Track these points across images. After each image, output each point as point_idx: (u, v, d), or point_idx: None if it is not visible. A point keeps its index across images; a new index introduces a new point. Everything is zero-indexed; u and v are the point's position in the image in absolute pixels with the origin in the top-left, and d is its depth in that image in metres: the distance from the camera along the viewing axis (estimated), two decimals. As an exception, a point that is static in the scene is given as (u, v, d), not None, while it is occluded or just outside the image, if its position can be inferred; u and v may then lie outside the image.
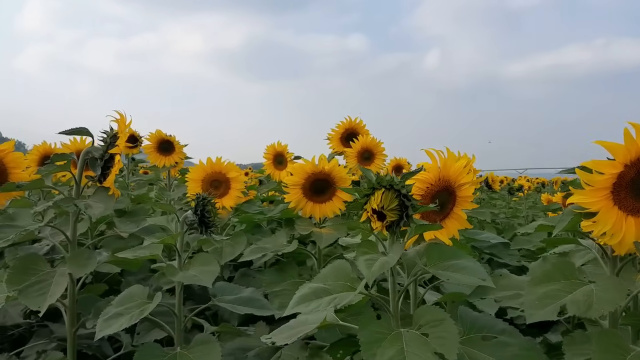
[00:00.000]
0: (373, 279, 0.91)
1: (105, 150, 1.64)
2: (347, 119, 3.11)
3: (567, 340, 1.20)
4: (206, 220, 1.42)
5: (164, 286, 2.05)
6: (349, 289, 1.03)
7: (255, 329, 1.77)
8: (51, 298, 1.38)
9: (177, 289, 1.47)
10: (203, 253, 1.53)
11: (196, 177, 2.37)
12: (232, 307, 1.50)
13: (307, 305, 1.00)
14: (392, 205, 0.96)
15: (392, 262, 0.93)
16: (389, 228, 0.97)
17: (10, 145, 1.79)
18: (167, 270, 1.40)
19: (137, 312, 1.33)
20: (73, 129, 1.72)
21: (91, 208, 1.51)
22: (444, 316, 0.93)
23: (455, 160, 1.28)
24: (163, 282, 2.09)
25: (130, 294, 1.42)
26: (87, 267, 1.50)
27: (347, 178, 2.12)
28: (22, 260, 1.51)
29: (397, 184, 0.96)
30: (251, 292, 1.58)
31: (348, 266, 1.07)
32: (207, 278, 1.33)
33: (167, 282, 2.09)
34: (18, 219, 1.57)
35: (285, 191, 2.11)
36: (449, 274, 0.96)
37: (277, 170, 3.33)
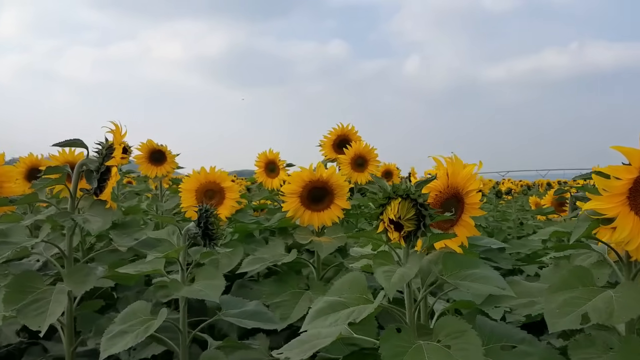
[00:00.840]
0: (394, 291, 0.89)
1: (102, 163, 1.60)
2: (339, 125, 3.10)
3: (573, 345, 1.20)
4: (210, 232, 1.38)
5: (160, 299, 2.01)
6: (366, 302, 1.01)
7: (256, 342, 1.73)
8: (51, 317, 1.34)
9: (181, 304, 1.43)
10: (207, 266, 1.50)
11: (190, 188, 2.33)
12: (239, 322, 1.47)
13: (325, 320, 0.98)
14: (409, 215, 0.94)
15: (412, 273, 0.91)
16: (406, 238, 0.96)
17: (1, 158, 1.74)
18: (171, 285, 1.36)
19: (142, 329, 1.29)
20: (67, 141, 1.67)
21: (89, 222, 1.46)
22: (466, 327, 0.91)
23: (462, 167, 1.27)
24: (160, 296, 2.04)
25: (133, 310, 1.38)
26: (87, 283, 1.45)
27: (346, 185, 2.11)
28: (17, 278, 1.46)
29: (414, 193, 0.94)
30: (255, 305, 1.55)
31: (363, 278, 1.05)
32: (214, 292, 1.30)
33: (164, 295, 2.04)
34: (12, 235, 1.52)
35: (283, 200, 2.09)
36: (468, 284, 0.95)
37: (269, 178, 3.30)
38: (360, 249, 1.20)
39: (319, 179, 2.07)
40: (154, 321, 1.33)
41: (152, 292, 2.13)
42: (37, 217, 2.11)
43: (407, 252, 1.03)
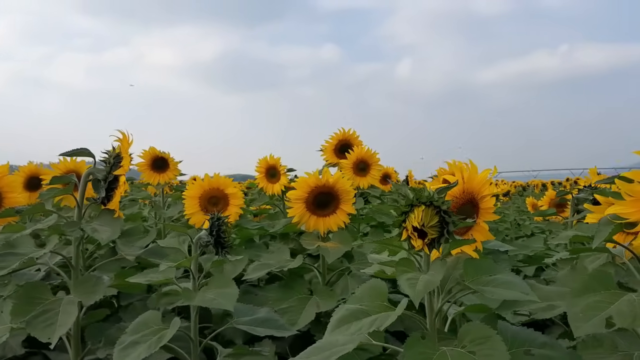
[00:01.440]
0: (420, 299, 0.88)
1: (109, 172, 1.59)
2: (340, 130, 3.10)
3: (581, 345, 1.20)
4: (222, 240, 1.37)
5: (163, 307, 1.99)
6: (387, 309, 1.00)
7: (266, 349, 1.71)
8: (61, 328, 1.32)
9: (192, 313, 1.42)
10: (219, 274, 1.48)
11: (194, 194, 2.31)
12: (251, 329, 1.45)
13: (347, 328, 0.97)
14: (433, 222, 0.94)
15: (436, 281, 0.91)
16: (429, 245, 0.95)
17: (5, 168, 1.71)
18: (184, 293, 1.35)
19: (155, 339, 1.27)
20: (74, 150, 1.66)
21: (98, 232, 1.45)
22: (491, 333, 0.91)
23: (477, 172, 1.27)
24: (163, 303, 2.03)
25: (144, 320, 1.36)
26: (95, 293, 1.44)
27: (351, 191, 2.10)
28: (25, 289, 1.44)
29: (437, 200, 0.94)
30: (267, 312, 1.54)
31: (383, 285, 1.05)
32: (228, 301, 1.29)
33: (168, 302, 2.02)
34: (19, 245, 1.51)
35: (288, 205, 2.08)
36: (492, 290, 0.94)
37: (269, 183, 3.28)
38: (377, 255, 1.19)
39: (325, 185, 2.06)
40: (166, 331, 1.31)
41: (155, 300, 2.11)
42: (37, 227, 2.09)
43: (427, 259, 1.03)
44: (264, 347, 1.84)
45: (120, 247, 1.66)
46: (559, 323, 1.76)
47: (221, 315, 2.24)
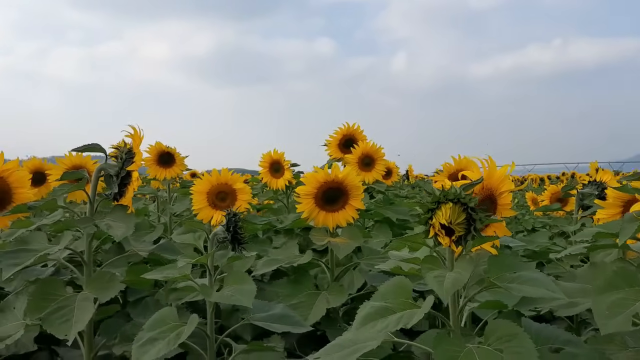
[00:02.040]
0: (449, 296, 0.88)
1: (122, 167, 1.58)
2: (345, 125, 3.09)
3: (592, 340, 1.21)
4: (239, 237, 1.37)
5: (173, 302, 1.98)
6: (412, 307, 1.00)
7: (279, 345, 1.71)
8: (78, 325, 1.31)
9: (208, 309, 1.42)
10: (236, 270, 1.48)
11: (201, 190, 2.30)
12: (268, 325, 1.45)
13: (373, 326, 0.97)
14: (460, 220, 0.94)
15: (464, 278, 0.91)
16: (456, 243, 0.95)
17: (15, 164, 1.70)
18: (202, 290, 1.35)
19: (173, 336, 1.27)
20: (86, 146, 1.65)
21: (113, 228, 1.44)
22: (517, 330, 0.91)
23: (496, 168, 1.27)
24: (172, 299, 2.02)
25: (162, 316, 1.35)
26: (110, 290, 1.43)
27: (361, 186, 2.10)
28: (40, 285, 1.43)
29: (464, 198, 0.94)
30: (282, 308, 1.54)
31: (408, 283, 1.05)
32: (246, 298, 1.29)
33: (177, 298, 2.02)
34: (31, 241, 1.50)
35: (298, 201, 2.08)
36: (518, 287, 0.94)
37: (273, 178, 3.28)
38: (397, 252, 1.19)
39: (334, 180, 2.06)
40: (183, 327, 1.31)
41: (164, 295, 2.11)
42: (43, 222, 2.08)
43: (451, 256, 1.03)
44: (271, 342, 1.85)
45: (132, 243, 1.65)
46: (562, 318, 1.77)
47: (230, 311, 2.24)
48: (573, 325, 1.82)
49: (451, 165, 2.81)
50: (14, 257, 1.38)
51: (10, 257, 1.38)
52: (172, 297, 2.05)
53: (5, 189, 1.69)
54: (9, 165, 1.67)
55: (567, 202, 3.28)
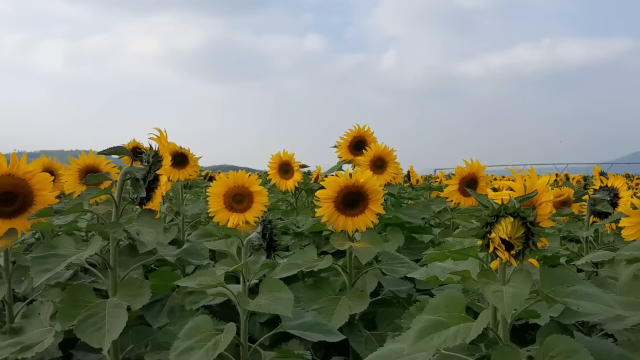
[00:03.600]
0: (511, 312, 0.88)
1: (149, 171, 1.55)
2: (355, 126, 3.08)
3: None
4: (274, 243, 1.35)
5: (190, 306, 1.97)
6: (465, 320, 0.99)
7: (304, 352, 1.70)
8: (111, 333, 1.29)
9: (242, 317, 1.40)
10: (271, 278, 1.46)
11: (218, 192, 2.28)
12: (302, 334, 1.44)
13: (430, 340, 0.96)
14: (519, 234, 0.93)
15: (524, 294, 0.90)
16: (516, 257, 0.94)
17: (38, 165, 1.67)
18: (238, 298, 1.33)
19: (211, 345, 1.25)
20: (112, 149, 1.62)
21: (142, 234, 1.42)
22: (577, 347, 0.91)
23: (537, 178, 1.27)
24: (189, 302, 2.00)
25: (197, 325, 1.34)
26: (142, 296, 1.41)
27: (381, 190, 2.09)
28: (69, 291, 1.41)
29: (524, 212, 0.93)
30: (313, 316, 1.52)
31: (460, 296, 1.04)
32: (284, 307, 1.27)
33: (193, 301, 2.00)
34: (59, 246, 1.47)
35: (317, 205, 2.06)
36: (574, 302, 0.94)
37: (282, 179, 3.27)
38: (442, 263, 1.18)
39: (355, 184, 2.04)
40: (219, 336, 1.30)
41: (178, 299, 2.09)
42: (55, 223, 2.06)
43: (503, 269, 1.02)
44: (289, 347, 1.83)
45: (157, 248, 1.63)
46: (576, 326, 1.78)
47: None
48: (584, 330, 1.83)
49: (463, 169, 2.82)
50: (44, 263, 1.35)
51: (40, 262, 1.35)
52: (188, 300, 2.03)
53: (27, 191, 1.66)
54: (32, 167, 1.64)
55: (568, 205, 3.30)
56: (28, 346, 1.39)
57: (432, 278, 1.29)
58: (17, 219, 1.65)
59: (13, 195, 1.62)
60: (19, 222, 1.64)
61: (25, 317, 1.53)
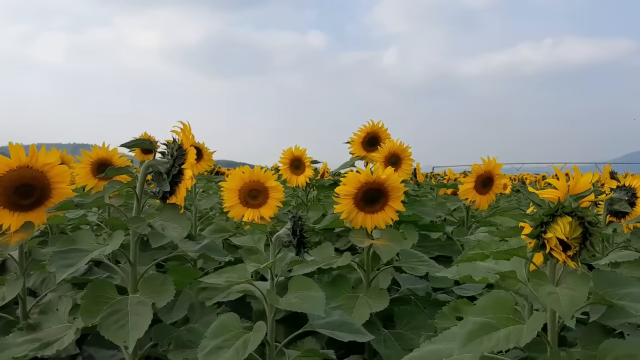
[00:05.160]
0: (571, 315, 0.84)
1: (173, 164, 1.51)
2: (369, 122, 3.04)
3: None
4: (305, 240, 1.32)
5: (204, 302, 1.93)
6: (514, 322, 0.96)
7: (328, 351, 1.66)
8: (135, 331, 1.24)
9: (269, 316, 1.36)
10: (300, 276, 1.42)
11: (233, 187, 2.24)
12: (331, 333, 1.40)
13: (480, 344, 0.92)
14: (576, 234, 0.89)
15: (583, 296, 0.86)
16: (573, 258, 0.91)
17: (57, 157, 1.62)
18: (268, 296, 1.29)
19: (240, 344, 1.21)
20: (135, 141, 1.58)
21: (167, 230, 1.37)
22: (636, 351, 0.87)
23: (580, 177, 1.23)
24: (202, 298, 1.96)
25: (224, 323, 1.29)
26: (165, 293, 1.37)
27: (402, 187, 2.05)
28: (90, 288, 1.36)
29: (582, 211, 0.90)
30: (340, 315, 1.48)
31: (509, 297, 1.00)
32: (316, 306, 1.23)
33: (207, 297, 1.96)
34: (79, 240, 1.42)
35: (336, 201, 2.03)
36: (630, 304, 0.91)
37: (294, 175, 3.23)
38: (484, 263, 1.14)
39: (376, 181, 2.01)
40: (248, 334, 1.26)
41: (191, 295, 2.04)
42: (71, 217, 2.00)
43: (553, 270, 0.98)
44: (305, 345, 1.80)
45: (178, 244, 1.58)
46: None
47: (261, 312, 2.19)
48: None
49: (480, 167, 2.79)
50: (65, 258, 1.31)
51: (61, 257, 1.30)
52: (201, 296, 1.99)
53: (45, 184, 1.61)
54: (50, 159, 1.60)
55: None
56: (47, 343, 1.35)
57: (466, 277, 1.26)
58: (34, 212, 1.60)
59: (31, 188, 1.57)
60: (36, 215, 1.60)
61: (43, 313, 1.48)
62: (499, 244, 1.34)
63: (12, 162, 1.54)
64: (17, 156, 1.54)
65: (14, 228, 1.56)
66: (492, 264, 1.13)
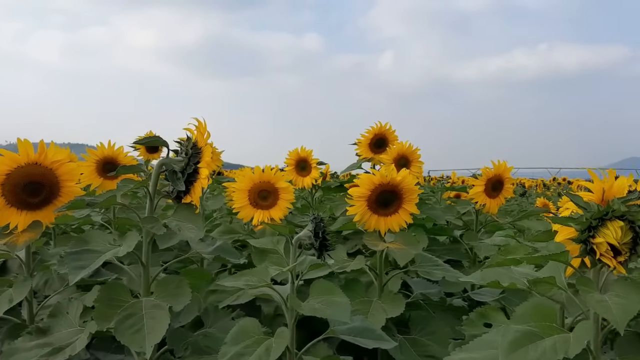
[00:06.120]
0: (625, 324, 0.80)
1: (188, 163, 1.46)
2: (377, 124, 3.00)
3: None
4: (327, 243, 1.27)
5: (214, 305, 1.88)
6: (558, 331, 0.91)
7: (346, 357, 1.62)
8: (152, 336, 1.19)
9: (290, 321, 1.31)
10: (322, 280, 1.37)
11: (243, 187, 2.19)
12: (354, 340, 1.35)
13: (525, 354, 0.87)
14: (627, 239, 0.85)
15: (636, 305, 0.82)
16: (624, 264, 0.87)
17: (66, 154, 1.57)
18: (291, 301, 1.24)
19: (263, 351, 1.16)
20: (148, 139, 1.53)
21: (184, 231, 1.32)
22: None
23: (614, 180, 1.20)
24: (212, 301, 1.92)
25: (244, 329, 1.24)
26: (182, 296, 1.32)
27: (416, 189, 2.01)
28: (104, 290, 1.31)
29: (633, 215, 0.85)
30: (361, 320, 1.43)
31: (551, 304, 0.96)
32: (341, 312, 1.18)
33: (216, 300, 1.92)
34: (91, 241, 1.36)
35: (349, 203, 1.98)
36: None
37: (299, 176, 3.18)
38: (521, 269, 1.10)
39: (390, 182, 1.96)
40: (269, 340, 1.21)
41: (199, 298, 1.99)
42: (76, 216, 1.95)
43: (597, 276, 0.94)
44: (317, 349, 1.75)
45: (192, 245, 1.53)
46: None
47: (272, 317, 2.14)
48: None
49: (490, 170, 2.75)
50: (78, 259, 1.25)
51: (74, 258, 1.25)
52: (210, 299, 1.94)
53: (54, 182, 1.56)
54: (60, 156, 1.54)
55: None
56: (59, 348, 1.29)
57: (494, 283, 1.21)
58: (42, 211, 1.55)
59: (39, 186, 1.52)
60: (44, 214, 1.54)
61: (53, 316, 1.43)
62: (526, 248, 1.30)
63: (21, 159, 1.48)
64: (25, 152, 1.49)
65: (21, 227, 1.50)
66: (527, 269, 1.08)
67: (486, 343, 1.07)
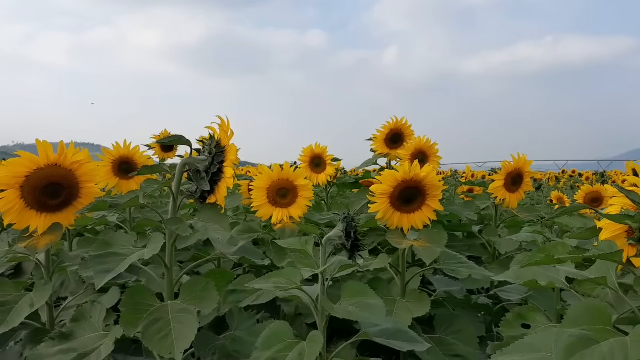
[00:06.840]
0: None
1: (212, 162, 1.42)
2: (392, 119, 2.95)
3: None
4: (359, 243, 1.23)
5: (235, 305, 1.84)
6: (614, 335, 0.87)
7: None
8: (181, 341, 1.15)
9: (320, 324, 1.27)
10: (353, 282, 1.33)
11: (262, 185, 2.15)
12: (388, 342, 1.31)
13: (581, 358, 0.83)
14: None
15: (701, 306, 0.78)
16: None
17: (85, 155, 1.53)
18: (323, 303, 1.20)
19: (296, 356, 1.12)
20: (170, 137, 1.48)
21: (211, 232, 1.28)
22: None
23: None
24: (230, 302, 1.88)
25: (275, 333, 1.21)
26: (210, 300, 1.28)
27: (440, 185, 1.96)
28: (129, 294, 1.27)
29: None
30: (393, 322, 1.39)
31: (604, 306, 0.91)
32: (376, 314, 1.14)
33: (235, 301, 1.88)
34: (114, 244, 1.33)
35: (372, 200, 1.94)
36: None
37: (314, 173, 3.14)
38: (564, 267, 1.06)
39: (414, 179, 1.91)
40: (301, 345, 1.17)
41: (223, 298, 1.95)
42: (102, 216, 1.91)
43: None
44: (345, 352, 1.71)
45: (216, 246, 1.50)
46: None
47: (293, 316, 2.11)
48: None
49: (510, 164, 2.70)
50: (103, 263, 1.22)
51: (99, 262, 1.21)
52: (230, 300, 1.91)
53: (73, 183, 1.52)
54: (80, 157, 1.51)
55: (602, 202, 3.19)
56: (84, 354, 1.26)
57: (531, 282, 1.17)
58: (62, 212, 1.52)
59: (59, 187, 1.48)
60: (64, 216, 1.51)
61: (75, 321, 1.39)
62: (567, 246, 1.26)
63: (40, 160, 1.45)
64: (45, 154, 1.45)
65: (41, 230, 1.47)
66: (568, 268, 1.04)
67: (529, 346, 1.02)
